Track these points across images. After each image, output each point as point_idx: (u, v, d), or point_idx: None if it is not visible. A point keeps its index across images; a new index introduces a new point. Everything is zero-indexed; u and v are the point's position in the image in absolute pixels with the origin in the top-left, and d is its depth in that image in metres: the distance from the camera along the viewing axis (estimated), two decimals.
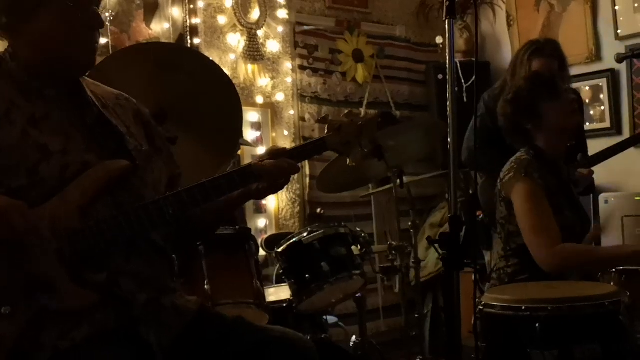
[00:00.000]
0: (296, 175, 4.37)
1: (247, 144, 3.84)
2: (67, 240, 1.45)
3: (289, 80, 4.45)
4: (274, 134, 4.35)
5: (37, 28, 1.54)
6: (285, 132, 4.43)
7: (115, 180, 1.53)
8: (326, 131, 1.65)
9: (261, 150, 4.27)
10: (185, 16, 3.93)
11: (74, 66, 1.61)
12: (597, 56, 4.54)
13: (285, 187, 1.78)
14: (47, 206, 1.46)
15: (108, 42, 3.53)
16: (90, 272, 1.46)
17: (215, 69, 2.48)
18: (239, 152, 4.02)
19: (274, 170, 1.59)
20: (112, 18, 3.62)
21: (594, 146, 3.45)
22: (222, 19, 4.15)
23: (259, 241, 3.71)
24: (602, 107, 4.52)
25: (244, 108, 2.60)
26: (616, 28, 4.44)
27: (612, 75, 4.46)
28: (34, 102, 1.53)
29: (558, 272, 2.31)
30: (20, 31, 1.55)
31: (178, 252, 1.74)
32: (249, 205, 4.13)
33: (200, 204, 1.56)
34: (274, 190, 1.66)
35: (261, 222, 4.20)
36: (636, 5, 4.35)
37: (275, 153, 1.62)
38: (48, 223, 1.45)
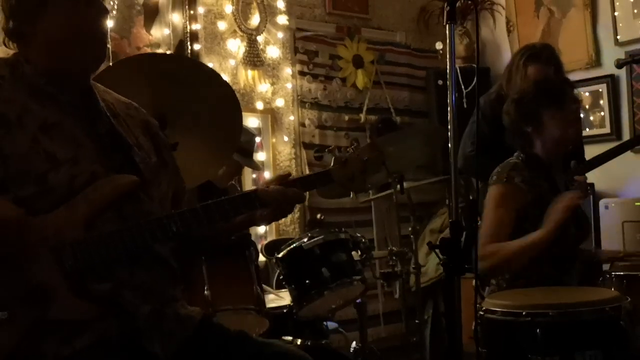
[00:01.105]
0: None
1: (256, 167, 3.81)
2: (70, 250, 1.44)
3: (289, 86, 4.46)
4: (274, 140, 4.36)
5: (44, 29, 1.54)
6: (285, 138, 4.43)
7: (122, 195, 1.52)
8: (332, 164, 1.67)
9: (261, 156, 4.28)
10: (186, 22, 3.93)
11: (84, 63, 1.60)
12: (596, 62, 4.54)
13: None
14: (53, 216, 1.45)
15: (108, 47, 3.53)
16: (93, 283, 1.45)
17: (217, 78, 2.48)
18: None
19: (279, 197, 1.60)
20: (112, 24, 3.62)
21: (594, 152, 3.43)
22: (222, 25, 4.15)
23: (259, 247, 3.70)
24: (602, 113, 4.52)
25: (244, 114, 2.61)
26: (616, 34, 4.45)
27: (611, 81, 4.47)
28: (47, 108, 1.53)
29: (489, 273, 2.35)
30: (28, 35, 1.55)
31: (179, 261, 1.73)
32: None
33: (204, 225, 1.56)
34: (278, 217, 1.66)
35: (261, 228, 4.19)
36: (635, 11, 4.36)
37: (280, 181, 1.63)
38: (52, 232, 1.44)
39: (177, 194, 1.76)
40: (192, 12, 3.96)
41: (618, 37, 4.44)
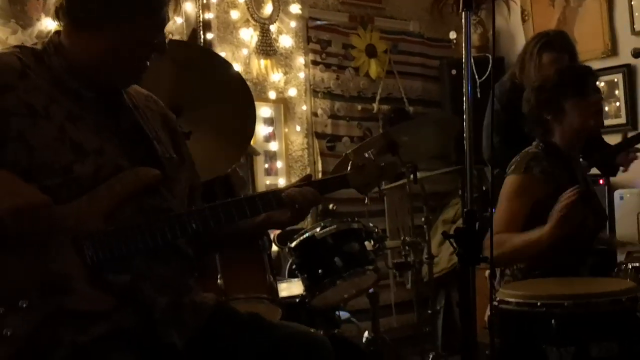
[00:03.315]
0: (309, 171, 4.39)
1: (254, 152, 3.83)
2: (91, 241, 1.44)
3: (301, 75, 4.44)
4: (286, 130, 4.35)
5: (109, 36, 1.51)
6: (298, 128, 4.42)
7: (145, 188, 1.52)
8: (349, 168, 1.71)
9: (273, 146, 4.28)
10: (199, 11, 3.93)
11: (121, 80, 1.60)
12: (612, 51, 4.49)
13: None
14: (74, 205, 1.45)
15: None
16: (112, 275, 1.45)
17: (228, 67, 2.48)
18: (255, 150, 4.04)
19: (298, 198, 1.61)
20: None
21: (609, 142, 3.41)
22: (235, 14, 4.14)
23: (272, 236, 3.70)
24: (618, 103, 4.48)
25: (256, 103, 2.60)
26: (632, 23, 4.39)
27: (628, 71, 4.41)
28: (70, 101, 1.52)
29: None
30: (90, 33, 1.52)
31: (195, 250, 1.73)
32: None
33: (223, 223, 1.57)
34: (295, 220, 1.67)
35: None
36: None
37: (298, 184, 1.66)
38: (73, 222, 1.44)
39: (193, 189, 1.76)
40: (204, 1, 3.95)
41: (635, 26, 4.38)
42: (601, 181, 4.03)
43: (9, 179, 1.40)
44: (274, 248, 3.45)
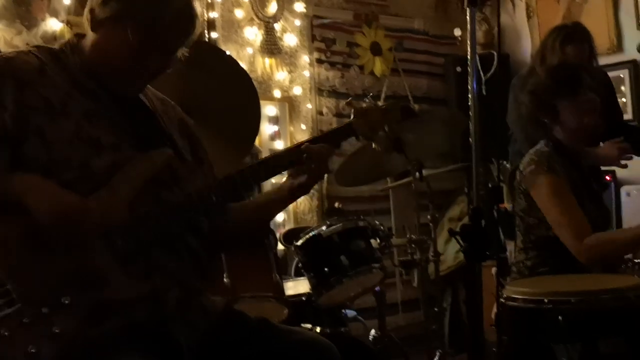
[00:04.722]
0: None
1: (255, 150, 3.83)
2: (118, 233, 1.46)
3: (306, 73, 4.44)
4: (291, 128, 4.35)
5: (105, 37, 1.54)
6: (303, 126, 4.42)
7: (159, 170, 1.53)
8: (352, 116, 1.65)
9: (279, 144, 4.28)
10: (203, 10, 3.93)
11: (124, 84, 1.60)
12: (618, 47, 4.48)
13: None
14: (96, 199, 1.46)
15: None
16: (136, 265, 1.47)
17: (234, 64, 2.47)
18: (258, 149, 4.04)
19: (308, 152, 1.59)
20: None
21: None
22: (239, 13, 4.14)
23: (278, 235, 3.70)
24: (624, 99, 4.46)
25: (261, 102, 2.60)
26: (638, 18, 4.38)
27: (633, 67, 4.40)
28: (87, 98, 1.54)
29: (595, 263, 2.29)
30: (100, 27, 1.54)
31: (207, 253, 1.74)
32: None
33: (240, 190, 1.57)
34: (314, 179, 1.63)
35: (279, 216, 4.19)
36: None
37: (304, 141, 1.64)
38: (99, 216, 1.45)
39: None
40: (209, 0, 3.95)
41: None
42: (608, 177, 4.02)
43: (45, 183, 1.42)
44: (280, 247, 3.46)
